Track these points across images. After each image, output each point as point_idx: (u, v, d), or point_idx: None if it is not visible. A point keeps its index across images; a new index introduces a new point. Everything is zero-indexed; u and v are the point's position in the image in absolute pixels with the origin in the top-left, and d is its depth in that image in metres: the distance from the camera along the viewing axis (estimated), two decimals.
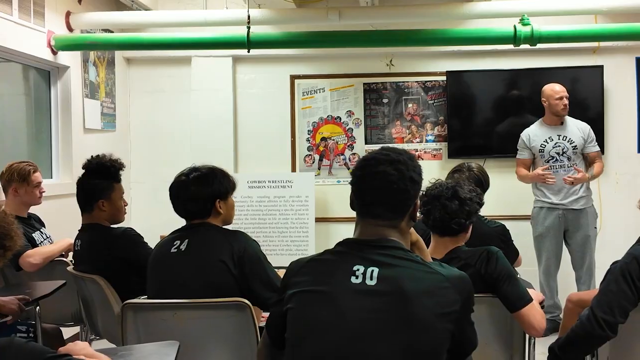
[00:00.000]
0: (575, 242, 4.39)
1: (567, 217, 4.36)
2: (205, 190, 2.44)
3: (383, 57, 5.31)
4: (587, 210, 4.36)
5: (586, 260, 4.34)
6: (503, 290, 2.26)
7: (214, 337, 2.27)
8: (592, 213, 4.40)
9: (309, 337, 1.52)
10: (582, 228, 4.35)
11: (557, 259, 4.46)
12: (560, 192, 4.35)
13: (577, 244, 4.38)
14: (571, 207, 4.34)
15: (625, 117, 5.21)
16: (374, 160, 1.60)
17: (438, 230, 2.40)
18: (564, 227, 4.40)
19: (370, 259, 1.53)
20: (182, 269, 2.34)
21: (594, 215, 4.42)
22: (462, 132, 5.27)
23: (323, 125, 5.35)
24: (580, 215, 4.35)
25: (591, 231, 4.36)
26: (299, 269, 1.62)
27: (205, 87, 5.25)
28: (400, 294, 1.48)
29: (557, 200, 4.36)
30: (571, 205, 4.34)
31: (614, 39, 4.82)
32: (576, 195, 4.33)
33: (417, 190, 1.63)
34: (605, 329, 2.14)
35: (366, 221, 1.61)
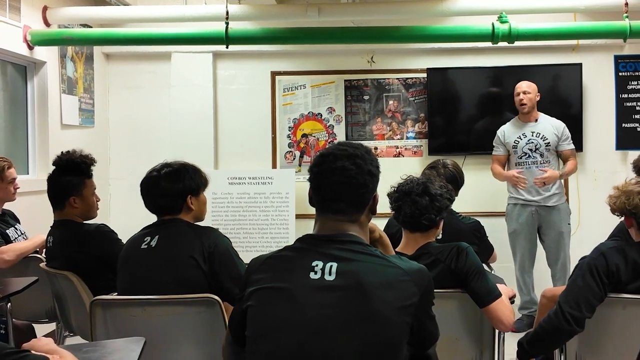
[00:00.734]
0: (549, 238, 4.43)
1: (540, 214, 4.39)
2: (176, 186, 2.43)
3: (364, 54, 5.31)
4: (559, 207, 4.38)
5: (560, 256, 4.38)
6: (472, 285, 2.27)
7: (184, 333, 2.26)
8: (565, 210, 4.42)
9: (269, 334, 1.52)
10: (555, 225, 4.38)
11: (531, 255, 4.50)
12: (532, 190, 4.39)
13: (551, 241, 4.42)
14: (544, 204, 4.37)
15: (604, 114, 5.24)
16: (331, 156, 1.60)
17: (408, 226, 2.41)
18: (538, 223, 4.43)
19: (329, 254, 1.53)
20: (152, 265, 2.33)
21: (567, 212, 4.44)
22: (442, 129, 5.28)
23: (304, 122, 5.35)
24: (552, 212, 4.38)
25: (564, 228, 4.39)
26: (258, 266, 1.61)
27: (185, 83, 5.23)
28: (359, 289, 1.48)
29: (530, 197, 4.40)
30: (544, 202, 4.37)
31: (592, 37, 4.85)
32: (548, 192, 4.36)
33: (376, 184, 1.63)
34: (572, 324, 2.17)
35: (326, 217, 1.61)
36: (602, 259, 2.21)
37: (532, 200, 4.39)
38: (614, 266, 2.18)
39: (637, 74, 5.27)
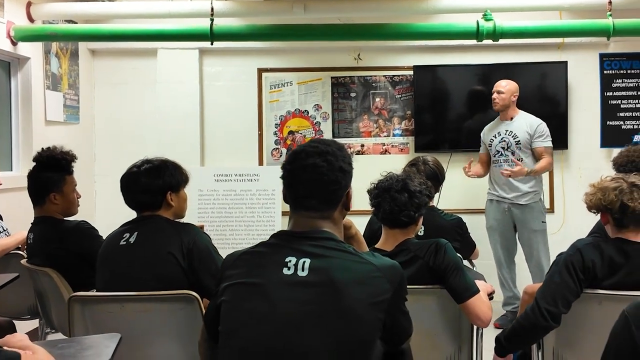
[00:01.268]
0: (522, 236, 4.48)
1: (513, 211, 4.43)
2: (156, 182, 2.42)
3: (351, 51, 5.32)
4: (532, 206, 4.40)
5: (534, 254, 4.41)
6: (450, 281, 2.28)
7: (163, 330, 2.26)
8: (538, 208, 4.43)
9: (241, 329, 1.52)
10: (528, 223, 4.41)
11: (506, 250, 4.53)
12: (505, 187, 4.42)
13: (524, 239, 4.47)
14: (517, 202, 4.40)
15: (589, 112, 5.28)
16: (303, 153, 1.61)
17: (388, 223, 2.41)
18: (513, 221, 4.46)
19: (302, 250, 1.54)
20: (130, 262, 2.32)
21: (540, 210, 4.45)
22: (429, 127, 5.30)
23: (290, 119, 5.35)
24: (525, 210, 4.40)
25: (537, 226, 4.41)
26: (233, 261, 1.62)
27: (171, 79, 5.21)
28: (331, 285, 1.49)
29: (503, 194, 4.44)
30: (517, 200, 4.40)
31: (576, 35, 4.87)
32: (519, 192, 4.39)
33: (348, 180, 1.64)
34: (548, 320, 2.18)
35: (299, 213, 1.62)
36: (579, 255, 2.22)
37: (506, 197, 4.43)
38: (590, 262, 2.20)
39: (622, 72, 5.31)
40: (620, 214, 2.22)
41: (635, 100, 5.28)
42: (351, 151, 5.35)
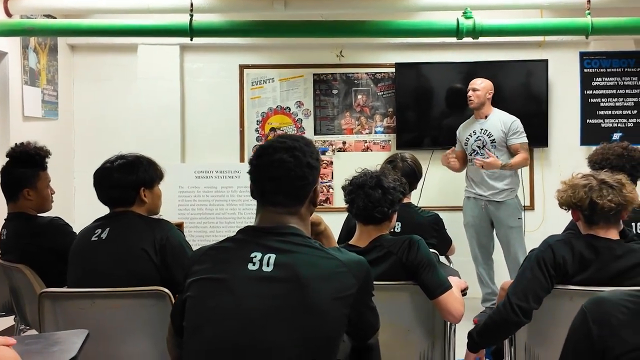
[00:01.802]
0: (500, 233, 4.51)
1: (490, 208, 4.46)
2: (129, 177, 2.41)
3: (333, 48, 5.32)
4: (508, 203, 4.43)
5: (511, 250, 4.45)
6: (423, 277, 2.29)
7: (134, 326, 2.25)
8: (514, 205, 4.46)
9: (206, 325, 1.52)
10: (504, 220, 4.44)
11: (483, 247, 4.56)
12: (482, 184, 4.45)
13: (501, 235, 4.50)
14: (493, 199, 4.43)
15: (569, 110, 5.32)
16: (270, 149, 1.61)
17: (361, 219, 2.42)
18: (489, 218, 4.49)
19: (268, 245, 1.54)
20: (102, 258, 2.31)
21: (516, 207, 4.48)
22: (410, 124, 5.31)
23: (272, 116, 5.34)
24: (501, 207, 4.43)
25: (513, 222, 4.44)
26: (199, 257, 1.62)
27: (151, 75, 5.18)
28: (296, 280, 1.49)
29: (480, 192, 4.47)
30: (493, 197, 4.43)
31: (555, 34, 4.91)
32: (496, 189, 4.42)
33: (316, 176, 1.64)
34: (519, 315, 2.19)
35: (266, 209, 1.62)
36: (550, 252, 2.24)
37: (483, 195, 4.46)
38: (560, 258, 2.21)
39: (601, 71, 5.35)
40: (589, 211, 2.23)
41: (615, 98, 5.33)
42: (332, 148, 5.35)
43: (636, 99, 5.33)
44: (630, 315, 1.23)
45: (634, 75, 5.33)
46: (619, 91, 5.33)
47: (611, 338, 1.23)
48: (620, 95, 5.33)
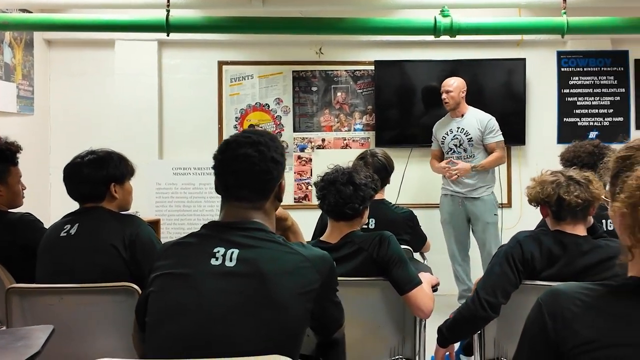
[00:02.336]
0: (476, 229, 4.55)
1: (466, 205, 4.50)
2: (99, 173, 2.40)
3: (312, 45, 5.32)
4: (484, 199, 4.47)
5: (486, 246, 4.48)
6: (393, 273, 2.30)
7: (103, 322, 2.23)
8: (490, 202, 4.51)
9: (167, 320, 1.51)
10: (481, 216, 4.48)
11: (460, 244, 4.59)
12: (458, 181, 4.48)
13: (478, 231, 4.54)
14: (470, 195, 4.48)
15: (546, 109, 5.37)
16: (235, 143, 1.61)
17: (333, 215, 2.42)
18: (466, 214, 4.52)
19: (232, 240, 1.54)
20: (71, 253, 2.29)
21: (492, 203, 4.53)
22: (389, 122, 5.33)
23: (251, 113, 5.33)
24: (477, 203, 4.47)
25: (490, 218, 4.49)
26: (163, 252, 1.61)
27: (129, 71, 5.15)
28: (259, 275, 1.49)
29: (457, 189, 4.51)
30: (469, 194, 4.47)
31: (531, 33, 4.95)
32: (472, 186, 4.45)
33: (281, 171, 1.64)
34: (487, 310, 2.21)
35: (230, 204, 1.62)
36: (518, 247, 2.26)
37: (459, 191, 4.50)
38: (529, 254, 2.23)
39: (578, 70, 5.41)
40: (557, 206, 2.26)
41: (591, 97, 5.39)
42: (311, 145, 5.35)
43: (612, 98, 5.40)
44: (583, 308, 1.25)
45: (610, 74, 5.39)
46: (595, 90, 5.39)
47: (564, 331, 1.24)
48: (596, 94, 5.39)
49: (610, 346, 1.20)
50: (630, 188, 1.23)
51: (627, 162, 1.34)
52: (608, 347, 1.20)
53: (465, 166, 4.37)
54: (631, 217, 1.23)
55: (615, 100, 5.39)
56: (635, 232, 1.22)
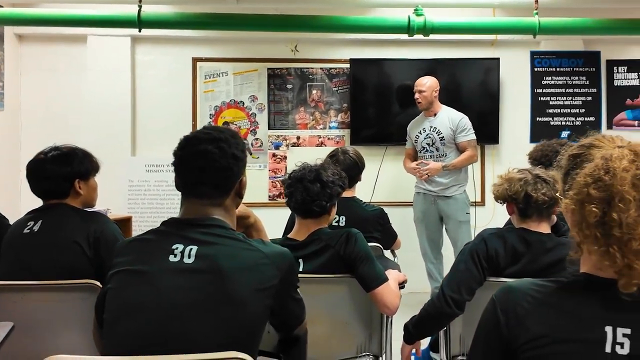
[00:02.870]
0: (449, 227, 4.58)
1: (439, 203, 4.52)
2: (63, 169, 2.37)
3: (288, 43, 5.31)
4: (456, 198, 4.51)
5: (458, 245, 4.51)
6: (359, 270, 2.31)
7: (65, 319, 2.20)
8: (462, 200, 4.54)
9: (124, 317, 1.50)
10: (453, 214, 4.51)
11: (432, 242, 4.62)
12: (431, 180, 4.51)
13: (450, 230, 4.57)
14: (442, 194, 4.50)
15: (520, 108, 5.43)
16: (194, 140, 1.60)
17: (300, 212, 2.42)
18: (439, 213, 4.55)
19: (191, 237, 1.53)
20: (34, 250, 2.26)
21: (464, 202, 4.56)
22: (364, 120, 5.34)
23: (226, 110, 5.30)
24: (450, 202, 4.50)
25: (462, 217, 4.52)
26: (121, 249, 1.60)
27: (101, 67, 5.09)
28: (217, 272, 1.48)
29: (429, 188, 4.53)
30: (442, 192, 4.50)
31: (504, 32, 5.00)
32: (444, 186, 4.49)
33: (242, 168, 1.64)
34: (452, 307, 2.23)
35: (190, 200, 1.61)
36: (483, 245, 2.28)
37: (432, 190, 4.52)
38: (493, 251, 2.25)
39: (551, 70, 5.47)
40: (524, 204, 2.28)
41: (564, 97, 5.46)
42: (286, 143, 5.34)
43: (584, 98, 5.47)
44: (534, 304, 1.26)
45: (582, 74, 5.47)
46: (567, 90, 5.46)
47: (517, 327, 1.25)
48: (568, 94, 5.46)
49: (560, 342, 1.21)
50: (578, 185, 1.25)
51: (578, 160, 1.35)
52: (558, 342, 1.21)
53: (436, 166, 4.41)
54: (579, 214, 1.24)
55: (587, 100, 5.47)
56: (583, 228, 1.23)
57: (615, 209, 1.19)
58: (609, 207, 1.20)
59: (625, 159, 1.23)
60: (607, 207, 1.20)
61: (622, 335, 1.19)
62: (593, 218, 1.21)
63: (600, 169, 1.23)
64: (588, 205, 1.22)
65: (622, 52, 5.47)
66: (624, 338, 1.19)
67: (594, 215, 1.21)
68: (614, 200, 1.20)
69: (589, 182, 1.23)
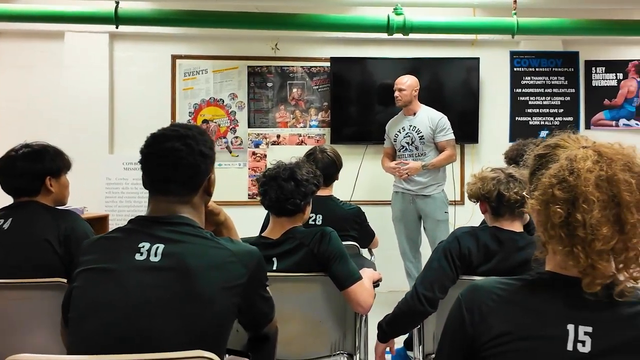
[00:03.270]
0: (427, 226, 4.59)
1: (417, 202, 4.53)
2: (34, 166, 2.35)
3: (268, 41, 5.29)
4: (435, 197, 4.52)
5: (436, 243, 4.51)
6: (333, 269, 2.30)
7: (34, 318, 2.18)
8: (441, 199, 4.55)
9: (90, 315, 1.48)
10: (431, 213, 4.52)
11: (411, 241, 4.63)
12: (410, 180, 4.52)
13: (429, 229, 4.58)
14: (421, 193, 4.51)
15: (499, 107, 5.45)
16: (162, 137, 1.59)
17: (274, 211, 2.41)
18: (417, 212, 4.56)
19: (157, 235, 1.52)
20: (4, 249, 2.24)
21: (443, 201, 4.57)
22: (345, 118, 5.33)
23: (205, 108, 5.27)
24: (428, 201, 4.51)
25: (440, 216, 4.53)
26: (88, 247, 1.58)
27: (79, 64, 5.04)
28: (184, 270, 1.47)
29: (408, 187, 4.54)
30: (420, 191, 4.51)
31: (484, 32, 5.02)
32: (422, 185, 4.50)
33: (209, 165, 1.63)
34: (425, 305, 2.23)
35: (157, 198, 1.60)
36: (456, 243, 2.29)
37: (410, 189, 4.53)
38: (466, 249, 2.26)
39: (530, 70, 5.51)
40: (496, 202, 2.29)
41: (542, 97, 5.50)
42: (266, 141, 5.33)
43: (562, 98, 5.51)
44: (499, 302, 1.26)
45: (561, 74, 5.51)
46: (546, 90, 5.50)
47: (481, 325, 1.26)
48: (547, 94, 5.50)
49: (523, 339, 1.22)
50: (543, 186, 1.26)
51: (544, 160, 1.36)
52: (521, 340, 1.22)
53: (415, 165, 4.42)
54: (544, 214, 1.25)
55: (566, 100, 5.51)
56: (548, 228, 1.24)
57: (580, 209, 1.20)
58: (573, 208, 1.21)
59: (589, 160, 1.23)
60: (571, 208, 1.21)
61: (583, 334, 1.20)
62: (558, 219, 1.22)
63: (565, 170, 1.24)
64: (553, 206, 1.23)
65: (600, 53, 5.52)
66: (585, 336, 1.20)
67: (559, 215, 1.22)
68: (578, 201, 1.21)
69: (554, 183, 1.24)
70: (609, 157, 1.23)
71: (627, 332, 1.20)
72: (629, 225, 1.19)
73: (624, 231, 1.19)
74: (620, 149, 1.26)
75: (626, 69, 5.52)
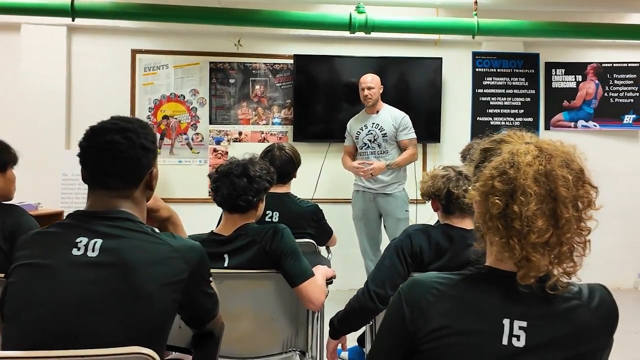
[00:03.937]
0: (388, 225, 4.60)
1: (378, 201, 4.55)
2: None
3: (231, 37, 5.24)
4: (395, 195, 4.53)
5: None
6: (285, 265, 2.29)
7: None
8: (401, 198, 4.57)
9: (24, 311, 1.44)
10: (392, 212, 4.54)
11: (371, 239, 4.64)
12: (370, 178, 4.52)
13: (389, 227, 4.59)
14: (381, 191, 4.53)
15: (461, 107, 5.50)
16: (101, 130, 1.55)
17: (226, 207, 2.39)
18: (378, 210, 4.58)
19: (96, 230, 1.48)
20: None
21: (404, 199, 4.59)
22: (307, 116, 5.32)
23: (166, 103, 5.20)
24: (389, 199, 4.53)
25: (401, 214, 4.55)
26: (24, 242, 1.54)
27: (36, 57, 4.92)
28: (122, 265, 1.44)
29: (369, 185, 4.55)
30: (381, 190, 4.53)
31: (445, 32, 5.06)
32: (384, 182, 4.51)
33: (151, 159, 1.59)
34: (375, 302, 2.23)
35: (96, 192, 1.56)
36: (408, 240, 2.29)
37: (371, 188, 4.54)
38: (417, 247, 2.27)
39: (492, 71, 5.57)
40: (446, 200, 2.31)
41: (503, 97, 5.56)
42: (228, 138, 5.28)
43: (523, 99, 5.59)
44: (438, 296, 1.27)
45: (522, 76, 5.58)
46: (507, 91, 5.57)
47: (420, 320, 1.26)
48: (508, 94, 5.57)
49: (459, 333, 1.22)
50: (484, 177, 1.27)
51: (488, 154, 1.37)
52: (458, 334, 1.22)
53: (379, 165, 4.42)
54: (484, 205, 1.26)
55: (526, 101, 5.59)
56: (487, 219, 1.25)
57: (517, 201, 1.22)
58: (512, 200, 1.22)
59: (530, 154, 1.25)
60: (509, 200, 1.23)
61: (518, 328, 1.21)
62: (496, 210, 1.23)
63: (506, 163, 1.26)
64: (492, 197, 1.24)
65: (560, 55, 5.61)
66: (520, 331, 1.21)
67: (497, 207, 1.23)
68: (516, 194, 1.22)
69: (495, 175, 1.26)
70: (549, 152, 1.25)
71: (561, 327, 1.21)
72: (563, 220, 1.20)
73: (559, 226, 1.21)
74: (560, 146, 1.28)
75: (585, 71, 5.62)
